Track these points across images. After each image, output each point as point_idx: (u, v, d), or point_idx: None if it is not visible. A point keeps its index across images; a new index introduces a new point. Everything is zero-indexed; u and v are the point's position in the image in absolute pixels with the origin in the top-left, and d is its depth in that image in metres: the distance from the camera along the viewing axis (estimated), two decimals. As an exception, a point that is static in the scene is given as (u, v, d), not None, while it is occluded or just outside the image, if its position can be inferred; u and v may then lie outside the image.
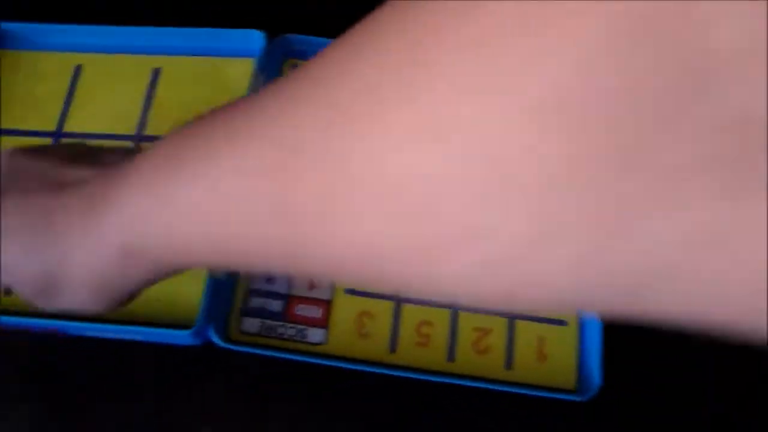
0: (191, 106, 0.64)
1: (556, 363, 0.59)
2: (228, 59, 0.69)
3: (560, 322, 0.60)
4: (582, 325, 0.60)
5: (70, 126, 0.67)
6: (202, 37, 0.69)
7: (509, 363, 0.59)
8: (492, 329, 0.60)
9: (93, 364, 0.60)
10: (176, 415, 0.58)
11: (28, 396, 0.60)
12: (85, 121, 0.68)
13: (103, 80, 0.69)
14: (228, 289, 0.60)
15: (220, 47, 0.69)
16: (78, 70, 0.70)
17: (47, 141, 0.67)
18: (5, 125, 0.67)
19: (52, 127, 0.68)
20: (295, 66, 0.69)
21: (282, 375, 0.59)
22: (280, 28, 0.68)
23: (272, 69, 0.68)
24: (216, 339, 0.57)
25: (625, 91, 0.19)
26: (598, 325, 0.58)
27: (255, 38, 0.67)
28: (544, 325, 0.60)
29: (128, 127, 0.67)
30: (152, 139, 0.66)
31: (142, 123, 0.67)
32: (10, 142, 0.67)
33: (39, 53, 0.71)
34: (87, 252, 0.39)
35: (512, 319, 0.60)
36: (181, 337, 0.57)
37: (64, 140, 0.67)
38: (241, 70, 0.68)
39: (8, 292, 0.60)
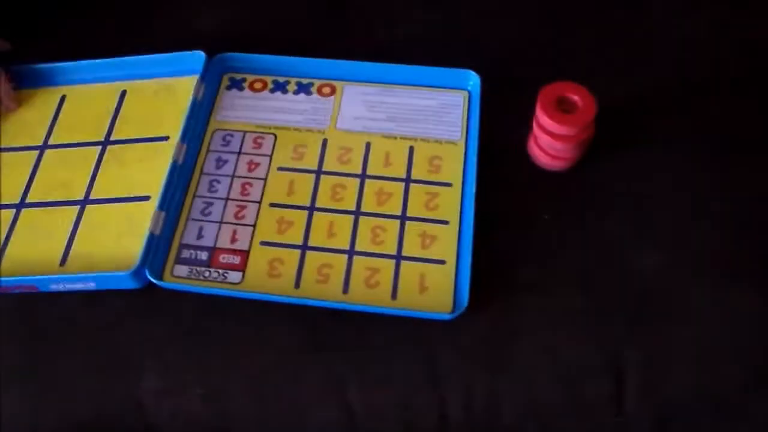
0: (149, 118, 0.81)
1: (435, 294, 0.71)
2: (178, 78, 0.85)
3: (440, 262, 0.72)
4: (457, 264, 0.72)
5: (54, 140, 0.83)
6: (157, 63, 0.85)
7: (395, 294, 0.71)
8: (381, 268, 0.72)
9: (59, 315, 0.74)
10: (123, 346, 0.71)
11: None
12: (65, 135, 0.84)
13: (82, 104, 0.86)
14: (163, 242, 0.74)
15: (171, 69, 0.85)
16: (62, 100, 0.86)
17: (33, 154, 0.83)
18: (1, 144, 0.84)
19: (39, 143, 0.83)
20: (232, 79, 0.85)
21: (207, 310, 0.71)
22: (217, 48, 0.83)
23: (212, 81, 0.84)
24: (152, 278, 0.70)
25: None
26: (468, 264, 0.70)
27: (198, 58, 0.83)
28: (426, 265, 0.72)
29: (99, 135, 0.83)
30: (118, 143, 0.82)
31: (109, 132, 0.83)
32: (4, 158, 0.83)
33: (32, 90, 0.88)
34: None
35: (398, 260, 0.72)
36: (124, 279, 0.71)
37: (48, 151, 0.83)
38: (188, 85, 0.83)
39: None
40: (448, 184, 0.76)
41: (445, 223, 0.74)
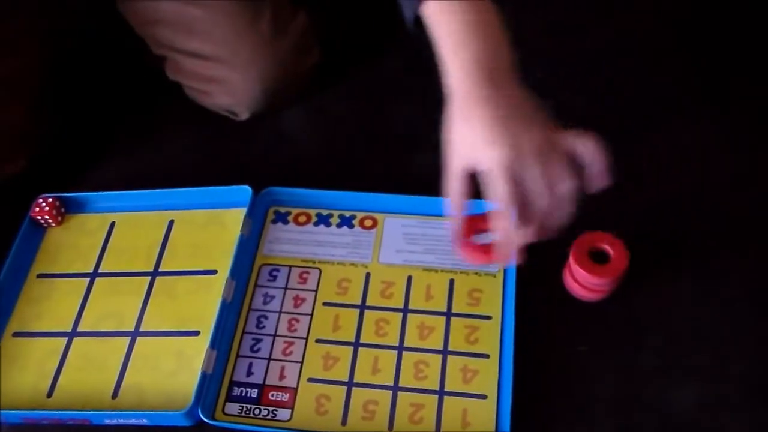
0: (197, 250, 0.84)
1: (477, 429, 0.73)
2: (224, 210, 0.88)
3: (481, 396, 0.74)
4: (498, 398, 0.74)
5: (104, 268, 0.87)
6: (204, 195, 0.88)
7: (438, 429, 0.73)
8: (424, 404, 0.74)
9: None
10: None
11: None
12: (115, 264, 0.87)
13: (131, 231, 0.89)
14: (215, 380, 0.76)
15: (218, 201, 0.88)
16: (112, 226, 0.90)
17: (84, 282, 0.86)
18: (55, 270, 0.87)
19: (90, 270, 0.87)
20: (277, 212, 0.88)
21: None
22: (263, 183, 0.87)
23: (258, 215, 0.87)
24: (205, 418, 0.73)
25: None
26: (509, 399, 0.73)
27: (244, 192, 0.86)
28: (468, 399, 0.74)
29: (148, 265, 0.86)
30: (167, 274, 0.85)
31: (158, 262, 0.86)
32: (57, 284, 0.86)
33: (84, 215, 0.91)
34: None
35: (441, 396, 0.74)
36: (177, 418, 0.73)
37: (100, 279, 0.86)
38: (235, 217, 0.87)
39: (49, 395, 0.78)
40: (488, 317, 0.79)
41: (486, 356, 0.77)
